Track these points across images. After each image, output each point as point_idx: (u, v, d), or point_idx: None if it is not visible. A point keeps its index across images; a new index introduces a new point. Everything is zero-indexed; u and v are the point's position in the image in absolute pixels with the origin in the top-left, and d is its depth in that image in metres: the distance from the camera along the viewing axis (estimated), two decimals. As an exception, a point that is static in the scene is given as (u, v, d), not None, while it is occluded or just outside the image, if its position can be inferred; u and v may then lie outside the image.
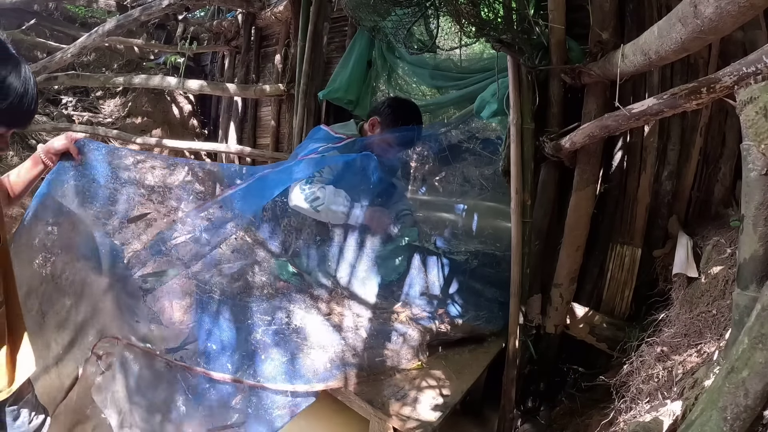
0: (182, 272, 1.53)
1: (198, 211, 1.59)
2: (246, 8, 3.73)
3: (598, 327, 1.71)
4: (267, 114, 3.98)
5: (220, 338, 1.43)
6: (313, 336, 1.52)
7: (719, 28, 0.79)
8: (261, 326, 1.51)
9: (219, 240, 1.67)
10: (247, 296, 1.60)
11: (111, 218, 1.43)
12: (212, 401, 1.33)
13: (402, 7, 1.72)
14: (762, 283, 0.73)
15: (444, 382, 1.50)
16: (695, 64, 1.54)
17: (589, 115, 1.59)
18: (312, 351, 1.45)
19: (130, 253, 1.48)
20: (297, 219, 1.90)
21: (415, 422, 1.32)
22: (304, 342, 1.48)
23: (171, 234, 1.55)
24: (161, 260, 1.52)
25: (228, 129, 4.27)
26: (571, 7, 1.58)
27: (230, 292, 1.58)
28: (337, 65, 2.76)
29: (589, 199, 1.68)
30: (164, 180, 1.56)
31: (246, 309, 1.54)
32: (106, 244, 1.41)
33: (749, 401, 0.66)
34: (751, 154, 0.75)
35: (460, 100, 2.53)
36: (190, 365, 1.33)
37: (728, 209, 1.52)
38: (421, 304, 1.79)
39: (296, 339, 1.50)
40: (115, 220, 1.44)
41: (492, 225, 2.64)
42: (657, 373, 1.09)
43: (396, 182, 2.30)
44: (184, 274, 1.53)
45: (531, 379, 1.82)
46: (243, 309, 1.54)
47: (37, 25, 4.28)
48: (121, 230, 1.45)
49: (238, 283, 1.64)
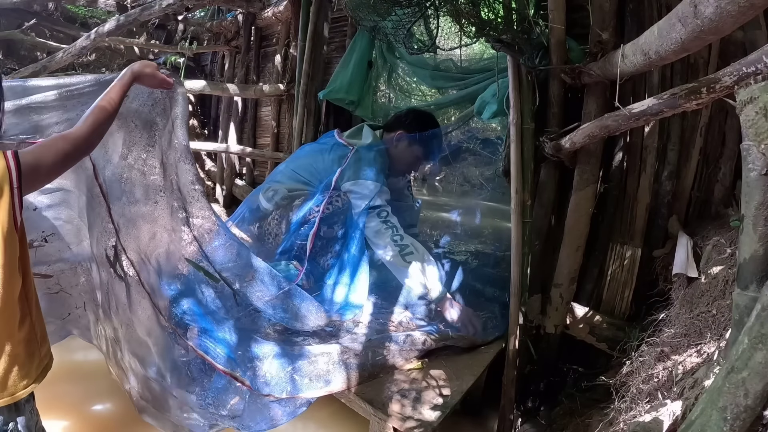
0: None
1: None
2: (246, 8, 3.74)
3: (598, 327, 1.71)
4: (267, 114, 3.98)
5: (222, 336, 1.42)
6: (316, 339, 1.51)
7: (719, 28, 0.79)
8: (265, 327, 1.51)
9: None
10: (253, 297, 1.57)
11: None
12: (209, 383, 1.32)
13: (402, 7, 1.72)
14: (762, 283, 0.73)
15: (444, 382, 1.50)
16: (695, 64, 1.54)
17: (589, 115, 1.59)
18: (315, 357, 1.44)
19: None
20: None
21: (415, 422, 1.32)
22: (307, 346, 1.48)
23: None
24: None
25: (228, 129, 4.28)
26: (571, 7, 1.58)
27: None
28: (338, 65, 2.76)
29: (589, 199, 1.68)
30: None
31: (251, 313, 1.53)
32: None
33: (749, 401, 0.66)
34: (751, 154, 0.75)
35: (460, 101, 2.53)
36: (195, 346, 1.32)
37: (728, 209, 1.52)
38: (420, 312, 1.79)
39: (299, 342, 1.50)
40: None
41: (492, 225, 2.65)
42: (657, 373, 1.09)
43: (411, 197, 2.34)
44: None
45: (531, 379, 1.82)
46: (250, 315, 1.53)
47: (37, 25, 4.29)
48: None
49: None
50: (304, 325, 1.54)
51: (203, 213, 1.31)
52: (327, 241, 1.82)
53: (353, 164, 1.90)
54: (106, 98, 1.11)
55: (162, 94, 1.32)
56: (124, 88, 1.17)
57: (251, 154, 3.96)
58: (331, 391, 1.39)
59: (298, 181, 1.98)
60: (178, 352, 1.33)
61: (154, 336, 1.35)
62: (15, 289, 0.93)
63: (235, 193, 4.25)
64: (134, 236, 1.36)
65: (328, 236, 1.82)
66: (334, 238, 1.84)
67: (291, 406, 1.35)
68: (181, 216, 1.32)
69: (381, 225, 1.79)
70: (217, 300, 1.43)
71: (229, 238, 1.41)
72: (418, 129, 2.06)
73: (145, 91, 1.31)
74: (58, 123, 1.27)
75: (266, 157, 3.84)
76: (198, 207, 1.31)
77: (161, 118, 1.33)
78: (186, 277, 1.39)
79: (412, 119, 2.09)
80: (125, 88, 1.17)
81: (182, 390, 1.32)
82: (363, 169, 1.88)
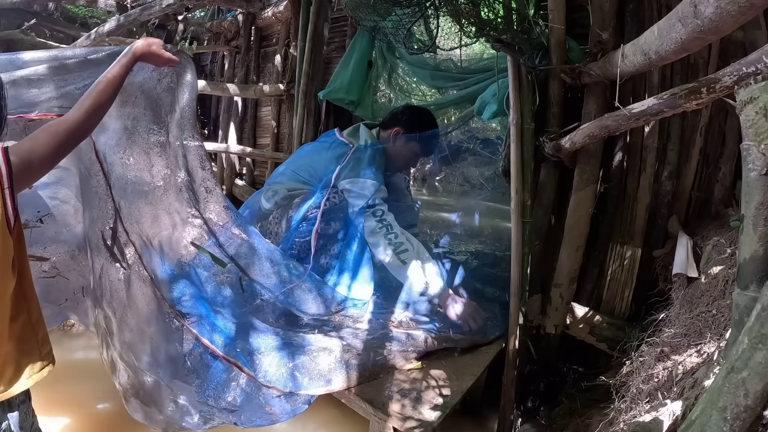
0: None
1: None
2: (246, 8, 3.74)
3: (598, 327, 1.71)
4: (267, 114, 3.98)
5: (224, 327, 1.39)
6: (317, 338, 1.51)
7: (719, 28, 0.79)
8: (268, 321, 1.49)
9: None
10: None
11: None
12: (209, 374, 1.29)
13: (402, 7, 1.72)
14: (762, 283, 0.73)
15: (444, 382, 1.50)
16: (695, 64, 1.54)
17: (589, 115, 1.59)
18: (316, 354, 1.44)
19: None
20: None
21: (415, 422, 1.32)
22: (308, 345, 1.47)
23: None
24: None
25: (228, 129, 4.28)
26: (571, 7, 1.57)
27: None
28: (338, 65, 2.76)
29: (589, 199, 1.68)
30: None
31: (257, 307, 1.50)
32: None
33: (749, 401, 0.66)
34: (751, 154, 0.75)
35: (460, 101, 2.54)
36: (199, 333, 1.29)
37: (728, 209, 1.52)
38: (421, 310, 1.79)
39: (302, 335, 1.49)
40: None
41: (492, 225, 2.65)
42: (657, 373, 1.09)
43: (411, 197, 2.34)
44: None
45: (531, 379, 1.82)
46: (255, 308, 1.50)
47: (37, 25, 4.29)
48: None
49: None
50: (311, 309, 1.50)
51: (212, 194, 1.27)
52: (327, 239, 1.82)
53: (352, 163, 1.90)
54: (105, 79, 1.05)
55: (169, 69, 1.27)
56: (126, 68, 1.11)
57: (251, 154, 3.96)
58: (331, 390, 1.39)
59: (298, 180, 1.98)
60: (177, 340, 1.29)
61: (153, 324, 1.30)
62: (7, 288, 0.91)
63: (235, 194, 4.24)
64: (136, 217, 1.30)
65: (327, 234, 1.82)
66: (334, 236, 1.84)
67: (291, 404, 1.33)
68: (187, 197, 1.27)
69: (376, 224, 1.79)
70: (222, 287, 1.39)
71: (238, 219, 1.36)
72: (415, 125, 2.05)
73: (151, 65, 1.26)
74: (56, 98, 1.20)
75: (266, 157, 3.84)
76: (205, 187, 1.26)
77: (167, 94, 1.28)
78: (190, 262, 1.35)
79: (408, 116, 2.09)
80: (127, 69, 1.11)
81: (179, 381, 1.29)
82: (361, 167, 1.89)
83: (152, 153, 1.29)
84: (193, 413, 1.30)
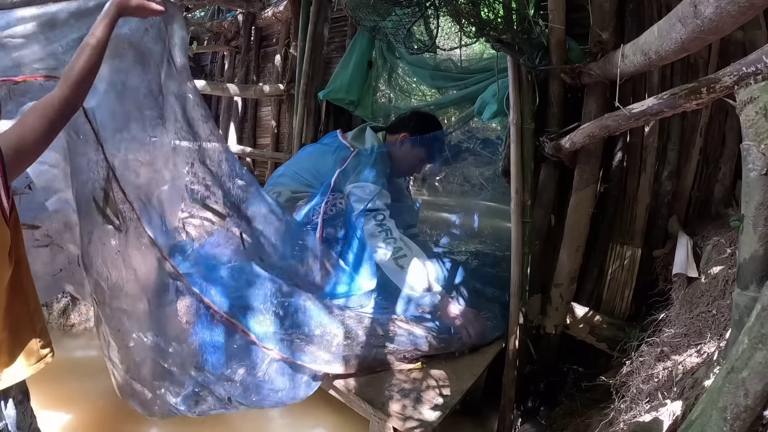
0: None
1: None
2: (246, 8, 3.73)
3: (598, 327, 1.71)
4: (267, 114, 3.98)
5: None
6: (321, 315, 1.49)
7: (719, 28, 0.79)
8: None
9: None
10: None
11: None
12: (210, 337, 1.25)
13: (402, 7, 1.72)
14: (762, 283, 0.73)
15: (444, 382, 1.50)
16: (695, 64, 1.54)
17: (589, 115, 1.59)
18: (320, 332, 1.42)
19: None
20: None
21: (415, 422, 1.32)
22: (311, 320, 1.45)
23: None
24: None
25: (228, 129, 4.27)
26: (571, 7, 1.57)
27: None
28: (338, 65, 2.76)
29: (589, 199, 1.68)
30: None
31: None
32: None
33: (749, 401, 0.66)
34: (751, 154, 0.75)
35: (460, 101, 2.53)
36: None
37: (728, 209, 1.52)
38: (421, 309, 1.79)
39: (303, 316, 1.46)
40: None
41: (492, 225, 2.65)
42: (657, 373, 1.09)
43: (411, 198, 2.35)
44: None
45: (531, 379, 1.82)
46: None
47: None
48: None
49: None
50: (316, 277, 1.48)
51: (209, 141, 1.21)
52: (329, 243, 1.82)
53: (353, 166, 1.90)
54: (89, 45, 0.98)
55: (155, 19, 1.19)
56: (110, 25, 1.03)
57: (251, 154, 3.96)
58: (330, 371, 1.39)
59: (300, 183, 1.99)
60: (175, 299, 1.25)
61: (150, 285, 1.24)
62: (3, 277, 0.90)
63: (235, 193, 4.24)
64: (132, 175, 1.23)
65: (330, 238, 1.82)
66: (335, 240, 1.84)
67: (292, 382, 1.31)
68: (186, 145, 1.21)
69: (376, 228, 1.80)
70: (223, 242, 1.34)
71: (237, 166, 1.30)
72: (422, 132, 2.06)
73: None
74: (40, 59, 1.13)
75: (266, 158, 3.84)
76: (204, 133, 1.20)
77: (156, 44, 1.21)
78: (190, 219, 1.31)
79: (416, 122, 2.09)
80: (111, 25, 1.03)
81: (175, 343, 1.23)
82: (363, 171, 1.89)
83: (144, 105, 1.23)
84: (186, 385, 1.24)
